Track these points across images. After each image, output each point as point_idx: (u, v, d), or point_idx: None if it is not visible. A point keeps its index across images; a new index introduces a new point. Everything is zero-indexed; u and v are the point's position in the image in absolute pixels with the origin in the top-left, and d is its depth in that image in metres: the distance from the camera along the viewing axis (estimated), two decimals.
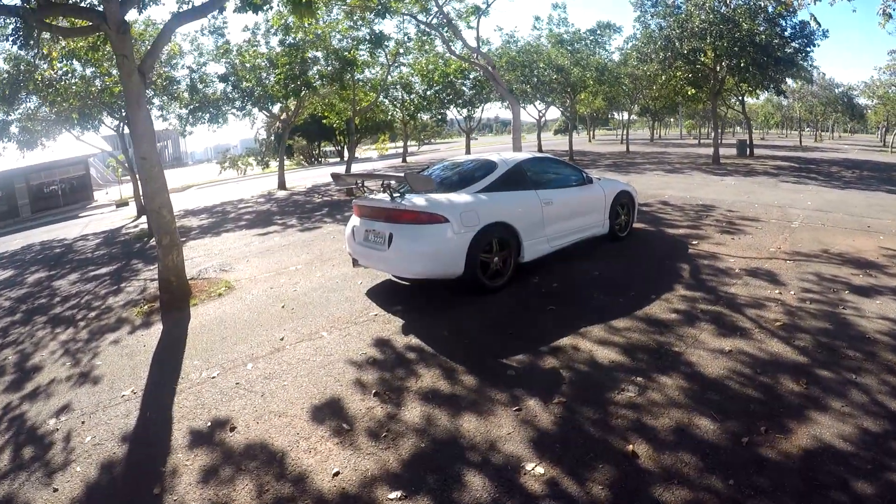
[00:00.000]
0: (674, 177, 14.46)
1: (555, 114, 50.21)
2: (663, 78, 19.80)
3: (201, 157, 73.28)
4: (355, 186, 5.26)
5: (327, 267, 6.27)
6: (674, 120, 59.24)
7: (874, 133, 50.69)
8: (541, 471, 2.36)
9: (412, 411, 2.92)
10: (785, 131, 58.31)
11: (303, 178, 22.70)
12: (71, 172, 25.18)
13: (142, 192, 6.82)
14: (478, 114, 29.10)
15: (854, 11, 11.16)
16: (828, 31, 17.92)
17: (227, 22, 15.70)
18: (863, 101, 39.46)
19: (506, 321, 4.11)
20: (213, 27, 15.61)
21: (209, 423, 2.99)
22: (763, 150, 27.97)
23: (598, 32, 23.67)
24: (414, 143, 44.12)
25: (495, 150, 8.85)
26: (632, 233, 6.66)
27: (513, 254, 4.88)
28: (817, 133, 48.00)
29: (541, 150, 26.85)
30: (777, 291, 4.45)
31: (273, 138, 37.14)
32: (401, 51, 18.59)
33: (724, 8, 16.57)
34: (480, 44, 12.81)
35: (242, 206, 14.15)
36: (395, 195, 4.79)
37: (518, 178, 5.18)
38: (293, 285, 5.62)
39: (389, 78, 21.10)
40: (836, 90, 40.15)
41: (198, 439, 2.85)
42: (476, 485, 2.29)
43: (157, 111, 16.12)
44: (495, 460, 2.46)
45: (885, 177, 14.53)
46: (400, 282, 5.27)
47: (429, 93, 25.99)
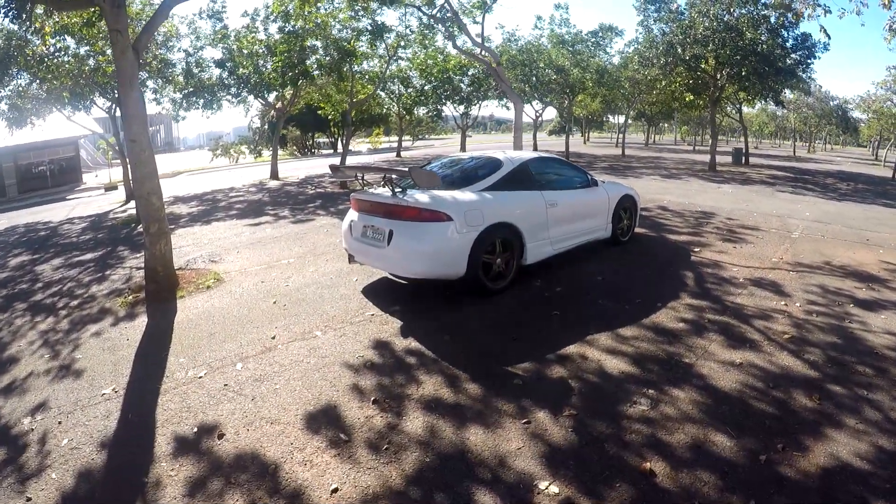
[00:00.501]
0: (671, 182, 14.44)
1: (550, 114, 50.36)
2: (663, 83, 19.84)
3: (193, 144, 72.17)
4: (353, 179, 5.03)
5: (321, 261, 6.08)
6: (668, 125, 59.59)
7: (866, 146, 51.49)
8: (555, 490, 2.22)
9: (414, 421, 2.75)
10: (778, 141, 58.96)
11: (295, 169, 22.30)
12: (61, 153, 24.47)
13: (131, 176, 6.55)
14: (475, 111, 28.96)
15: (863, 25, 11.15)
16: (829, 44, 18.05)
17: (226, 6, 15.37)
18: (857, 114, 40.07)
19: (509, 326, 3.96)
20: (211, 11, 15.27)
21: (195, 429, 2.79)
22: (758, 158, 28.24)
23: (600, 35, 23.68)
24: (408, 137, 43.83)
25: (491, 148, 8.71)
26: (633, 237, 6.57)
27: (516, 255, 4.72)
28: (810, 144, 48.59)
29: (536, 150, 26.77)
30: (783, 303, 4.38)
31: (267, 127, 36.65)
32: (401, 44, 18.32)
33: (727, 16, 16.60)
34: (484, 40, 12.62)
35: (234, 195, 13.82)
36: (396, 190, 4.59)
37: (523, 177, 5.02)
38: (285, 280, 5.42)
39: (388, 71, 20.82)
40: (832, 103, 40.71)
41: (183, 447, 2.65)
42: None
43: (151, 94, 15.74)
44: (506, 477, 2.31)
45: (879, 190, 14.68)
46: (397, 280, 5.09)
47: (426, 88, 25.78)
